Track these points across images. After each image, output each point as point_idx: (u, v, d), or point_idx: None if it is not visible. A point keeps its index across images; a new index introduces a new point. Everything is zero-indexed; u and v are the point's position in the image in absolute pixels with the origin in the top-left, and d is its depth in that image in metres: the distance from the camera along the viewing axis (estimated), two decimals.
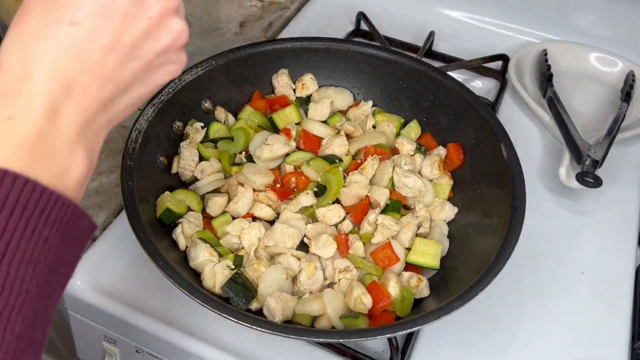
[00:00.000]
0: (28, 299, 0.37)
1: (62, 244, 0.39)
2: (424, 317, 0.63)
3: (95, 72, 0.41)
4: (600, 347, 0.75)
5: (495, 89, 1.08)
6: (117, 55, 0.42)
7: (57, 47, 0.39)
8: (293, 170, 0.83)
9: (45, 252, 0.38)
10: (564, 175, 0.89)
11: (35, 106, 0.38)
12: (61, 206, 0.39)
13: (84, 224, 0.41)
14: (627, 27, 1.11)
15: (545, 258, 0.84)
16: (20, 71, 0.39)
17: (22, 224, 0.37)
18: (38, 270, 0.38)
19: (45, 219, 0.38)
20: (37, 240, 0.37)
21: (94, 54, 0.41)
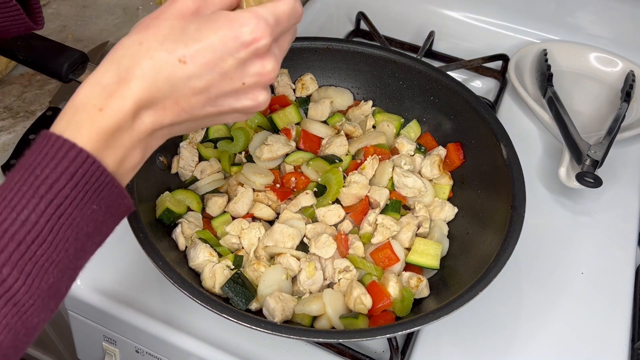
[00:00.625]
0: (65, 257, 0.45)
1: (103, 216, 0.47)
2: (423, 317, 0.63)
3: (179, 103, 0.48)
4: (600, 347, 0.75)
5: (495, 89, 1.08)
6: (201, 98, 0.49)
7: (160, 72, 0.46)
8: (293, 170, 0.83)
9: (88, 221, 0.46)
10: (564, 175, 0.89)
11: (123, 107, 0.46)
12: (112, 187, 0.46)
13: (125, 204, 0.49)
14: (627, 27, 1.11)
15: (545, 258, 0.84)
16: (125, 74, 0.46)
17: (81, 195, 0.44)
18: (80, 235, 0.45)
19: (97, 194, 0.45)
20: (86, 210, 0.45)
21: (184, 90, 0.48)
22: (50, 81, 1.03)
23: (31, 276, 0.43)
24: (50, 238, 0.43)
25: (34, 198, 0.43)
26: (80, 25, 1.15)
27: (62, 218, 0.44)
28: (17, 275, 0.42)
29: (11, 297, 0.42)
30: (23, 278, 0.42)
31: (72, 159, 0.44)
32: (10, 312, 0.42)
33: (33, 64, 0.78)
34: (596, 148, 0.88)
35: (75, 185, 0.44)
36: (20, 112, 0.98)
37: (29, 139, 0.91)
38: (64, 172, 0.43)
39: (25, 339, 0.44)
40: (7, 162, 0.89)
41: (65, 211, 0.44)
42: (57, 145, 0.44)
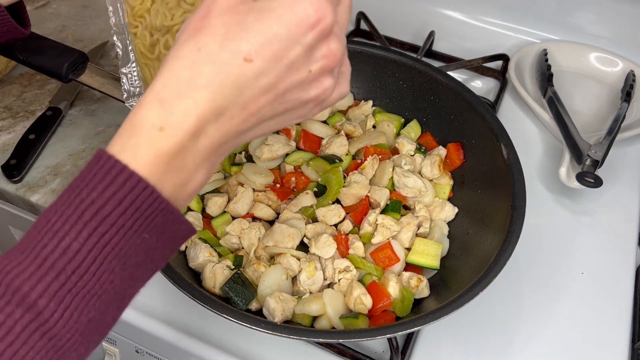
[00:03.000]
0: (110, 289, 0.41)
1: (156, 244, 0.43)
2: (424, 318, 0.63)
3: (247, 107, 0.43)
4: (601, 347, 0.75)
5: (495, 89, 1.08)
6: (270, 96, 0.44)
7: (226, 77, 0.42)
8: (293, 170, 0.83)
9: (138, 250, 0.42)
10: (564, 175, 0.89)
11: (186, 124, 0.41)
12: (167, 213, 0.42)
13: (182, 229, 0.44)
14: (627, 27, 1.11)
15: (546, 258, 0.84)
16: (186, 86, 0.41)
17: (130, 222, 0.40)
18: (127, 265, 0.41)
19: (149, 222, 0.41)
20: (135, 240, 0.41)
21: (252, 91, 0.43)
22: (50, 81, 1.03)
23: (70, 309, 0.39)
24: (93, 269, 0.40)
25: (77, 224, 0.39)
26: (80, 25, 1.15)
27: (107, 247, 0.40)
28: (55, 308, 0.39)
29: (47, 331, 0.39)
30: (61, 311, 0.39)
31: (122, 184, 0.39)
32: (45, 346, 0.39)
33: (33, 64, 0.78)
34: (596, 148, 0.87)
35: (124, 212, 0.40)
36: (20, 112, 0.98)
37: (29, 138, 0.91)
38: (111, 198, 0.39)
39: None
40: (7, 162, 0.89)
41: (110, 240, 0.40)
42: (107, 166, 0.40)
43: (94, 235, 0.39)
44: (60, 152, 0.93)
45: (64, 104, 0.98)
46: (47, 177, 0.89)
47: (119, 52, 0.72)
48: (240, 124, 0.44)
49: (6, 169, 0.88)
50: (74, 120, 0.98)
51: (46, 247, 0.39)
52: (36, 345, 0.39)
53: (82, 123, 0.97)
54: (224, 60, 0.42)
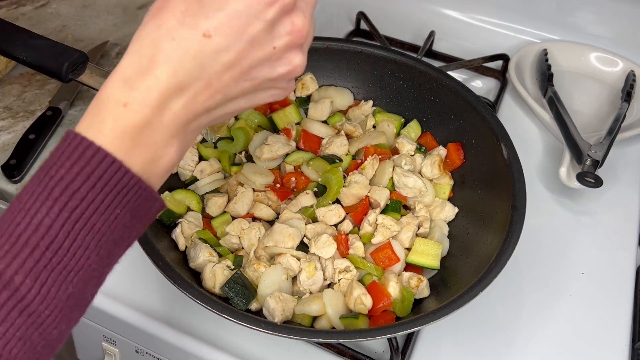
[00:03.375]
0: (86, 265, 0.42)
1: (130, 221, 0.43)
2: (424, 318, 0.63)
3: (210, 83, 0.44)
4: (601, 347, 0.75)
5: (495, 89, 1.08)
6: (234, 73, 0.45)
7: (185, 52, 0.42)
8: (293, 170, 0.83)
9: (112, 227, 0.42)
10: (564, 175, 0.88)
11: (149, 99, 0.42)
12: (138, 189, 0.42)
13: (155, 206, 0.45)
14: (627, 27, 1.11)
15: (546, 258, 0.84)
16: (147, 63, 0.42)
17: (100, 197, 0.41)
18: (102, 242, 0.42)
19: (121, 198, 0.42)
20: (108, 215, 0.41)
21: (214, 67, 0.43)
22: (50, 81, 1.03)
23: (47, 285, 0.40)
24: (67, 244, 0.40)
25: (48, 201, 0.40)
26: (80, 25, 1.15)
27: (78, 223, 0.40)
28: (31, 284, 0.39)
29: (25, 307, 0.39)
30: (38, 287, 0.39)
31: (89, 159, 0.40)
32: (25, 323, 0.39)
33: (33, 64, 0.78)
34: (597, 148, 0.87)
35: (92, 187, 0.40)
36: (20, 112, 0.98)
37: (29, 138, 0.91)
38: (80, 173, 0.40)
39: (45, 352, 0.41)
40: (7, 162, 0.89)
41: (82, 215, 0.40)
42: (74, 144, 0.41)
43: (64, 211, 0.40)
44: None
45: (64, 104, 0.98)
46: None
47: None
48: (205, 100, 0.44)
49: (6, 169, 0.88)
50: (74, 120, 0.98)
51: (19, 225, 0.40)
52: (15, 322, 0.39)
53: None
54: (182, 36, 0.42)
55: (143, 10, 1.19)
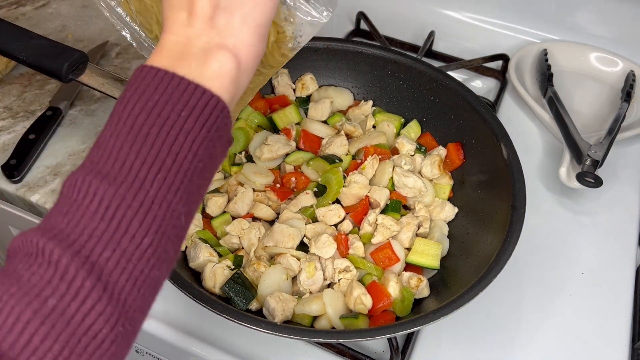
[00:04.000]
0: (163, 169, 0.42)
1: (202, 130, 0.44)
2: (424, 318, 0.63)
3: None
4: (601, 347, 0.75)
5: (495, 89, 1.08)
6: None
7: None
8: (293, 170, 0.83)
9: (183, 131, 0.43)
10: (564, 175, 0.88)
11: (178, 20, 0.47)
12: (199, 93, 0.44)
13: (225, 119, 0.46)
14: (627, 27, 1.11)
15: (546, 258, 0.84)
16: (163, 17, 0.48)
17: (160, 104, 0.43)
18: (175, 146, 0.43)
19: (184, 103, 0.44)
20: (175, 118, 0.43)
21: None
22: (50, 81, 1.03)
23: (124, 186, 0.40)
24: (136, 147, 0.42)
25: (114, 117, 0.44)
26: (80, 25, 1.15)
27: (145, 127, 0.42)
28: (111, 189, 0.40)
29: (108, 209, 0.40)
30: (115, 189, 0.40)
31: (146, 76, 0.44)
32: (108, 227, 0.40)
33: (33, 64, 0.78)
34: (596, 148, 0.87)
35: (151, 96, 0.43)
36: (20, 112, 0.98)
37: (29, 138, 0.91)
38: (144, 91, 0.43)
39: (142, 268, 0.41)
40: (7, 162, 0.89)
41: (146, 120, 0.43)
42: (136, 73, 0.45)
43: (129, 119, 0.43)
44: (60, 152, 0.93)
45: (64, 104, 0.98)
46: (47, 177, 0.89)
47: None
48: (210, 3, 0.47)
49: (6, 169, 0.88)
50: (74, 120, 0.98)
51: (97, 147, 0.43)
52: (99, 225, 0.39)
53: (82, 123, 0.97)
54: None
55: None
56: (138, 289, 0.41)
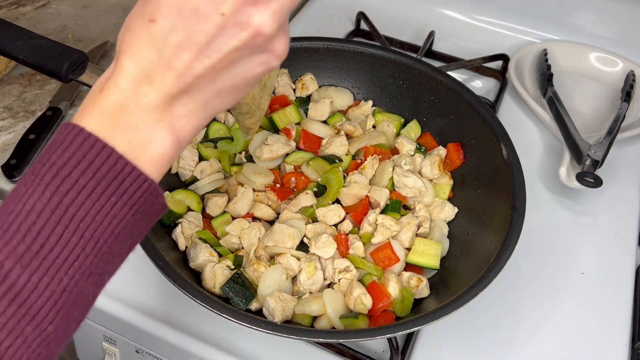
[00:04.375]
0: (82, 256, 0.40)
1: (129, 214, 0.42)
2: (424, 317, 0.63)
3: (172, 66, 0.43)
4: (601, 347, 0.75)
5: (495, 89, 1.08)
6: (191, 51, 0.43)
7: (140, 40, 0.43)
8: (293, 170, 0.83)
9: (109, 217, 0.41)
10: (564, 175, 0.88)
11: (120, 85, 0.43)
12: (134, 177, 0.41)
13: (156, 202, 0.44)
14: (627, 27, 1.11)
15: (546, 258, 0.84)
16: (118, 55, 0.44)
17: (92, 183, 0.40)
18: (99, 232, 0.41)
19: (116, 186, 0.41)
20: (103, 203, 0.40)
21: (169, 50, 0.43)
22: (50, 81, 1.03)
23: (38, 273, 0.38)
24: (59, 230, 0.39)
25: (40, 186, 0.39)
26: (80, 25, 1.15)
27: (71, 208, 0.39)
28: (21, 270, 0.38)
29: (16, 295, 0.38)
30: (28, 273, 0.38)
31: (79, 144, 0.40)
32: (15, 313, 0.38)
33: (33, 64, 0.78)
34: (596, 148, 0.87)
35: (84, 170, 0.40)
36: (20, 112, 0.98)
37: (29, 138, 0.91)
38: (71, 158, 0.40)
39: (42, 351, 0.39)
40: (7, 162, 0.89)
41: (74, 200, 0.39)
42: (65, 131, 0.41)
43: (56, 195, 0.39)
44: None
45: (64, 104, 0.98)
46: None
47: None
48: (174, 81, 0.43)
49: (6, 169, 0.88)
50: None
51: (12, 212, 0.39)
52: (6, 311, 0.38)
53: None
54: (136, 26, 0.44)
55: None
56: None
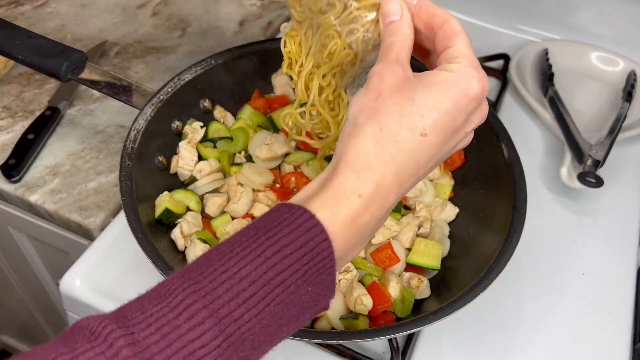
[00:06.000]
0: (263, 332, 0.41)
1: (307, 303, 0.44)
2: (424, 318, 0.63)
3: (417, 173, 0.48)
4: (602, 347, 0.75)
5: (496, 89, 1.08)
6: (434, 161, 0.49)
7: (407, 152, 0.46)
8: (293, 170, 0.83)
9: (297, 302, 0.42)
10: (565, 175, 0.88)
11: (376, 195, 0.45)
12: (330, 273, 0.44)
13: (326, 300, 0.45)
14: (628, 26, 1.11)
15: (546, 258, 0.84)
16: (375, 161, 0.45)
17: (303, 269, 0.42)
18: (284, 314, 0.42)
19: (317, 276, 0.43)
20: (301, 288, 0.42)
21: (425, 160, 0.47)
22: (49, 80, 1.03)
23: (229, 341, 0.39)
24: (261, 305, 0.40)
25: (260, 257, 0.41)
26: (79, 24, 1.15)
27: (278, 288, 0.41)
28: (218, 333, 0.39)
29: (204, 356, 0.38)
30: (221, 339, 0.39)
31: (308, 229, 0.42)
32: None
33: (32, 64, 0.77)
34: (597, 148, 0.87)
35: (302, 256, 0.42)
36: (19, 111, 0.98)
37: (27, 138, 0.91)
38: (295, 241, 0.42)
39: None
40: (6, 161, 0.88)
41: (284, 281, 0.41)
42: (297, 213, 0.43)
43: (270, 271, 0.41)
44: (59, 151, 0.92)
45: (62, 103, 0.97)
46: (46, 177, 0.89)
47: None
48: (409, 188, 0.49)
49: (5, 168, 0.88)
50: (73, 120, 0.97)
51: (227, 272, 0.41)
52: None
53: (81, 123, 0.97)
54: (404, 138, 0.46)
55: (142, 9, 1.18)
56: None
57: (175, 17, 1.18)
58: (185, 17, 1.18)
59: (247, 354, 0.41)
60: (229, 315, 0.39)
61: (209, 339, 0.39)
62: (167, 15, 1.18)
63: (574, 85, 1.07)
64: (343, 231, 0.44)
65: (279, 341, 0.44)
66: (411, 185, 0.49)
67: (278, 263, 0.41)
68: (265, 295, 0.40)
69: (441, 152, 0.49)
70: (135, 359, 0.37)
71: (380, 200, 0.45)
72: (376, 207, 0.45)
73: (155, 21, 1.16)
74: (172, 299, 0.40)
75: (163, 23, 1.16)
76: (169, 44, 1.11)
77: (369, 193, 0.45)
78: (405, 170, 0.46)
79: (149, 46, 1.11)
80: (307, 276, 0.42)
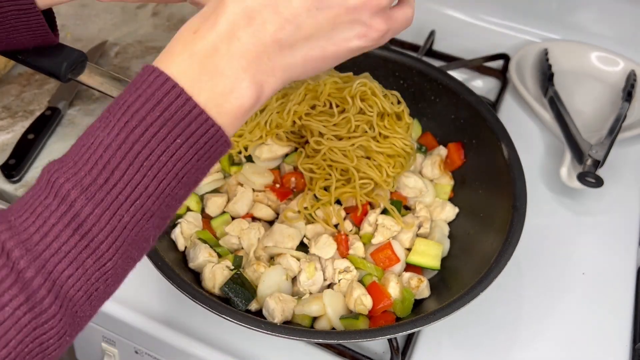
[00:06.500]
0: (144, 196, 0.40)
1: (193, 158, 0.42)
2: (424, 318, 0.63)
3: (279, 10, 0.42)
4: (601, 347, 0.75)
5: (496, 89, 1.08)
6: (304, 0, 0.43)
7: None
8: (293, 171, 0.83)
9: (173, 159, 0.41)
10: (565, 175, 0.88)
11: (217, 27, 0.42)
12: (202, 122, 0.41)
13: (221, 144, 0.43)
14: (629, 26, 1.11)
15: (546, 258, 0.84)
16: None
17: (159, 122, 0.40)
18: (162, 173, 0.41)
19: (182, 128, 0.41)
20: (168, 144, 0.40)
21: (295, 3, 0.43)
22: (49, 80, 1.03)
23: (101, 206, 0.39)
24: (123, 166, 0.39)
25: (111, 122, 0.40)
26: (78, 24, 1.15)
27: (136, 145, 0.40)
28: (85, 202, 0.39)
29: (79, 225, 0.39)
30: (92, 205, 0.39)
31: (150, 83, 0.41)
32: (78, 243, 0.39)
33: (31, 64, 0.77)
34: (597, 148, 0.87)
35: (152, 109, 0.40)
36: (18, 111, 0.98)
37: (27, 138, 0.91)
38: (141, 95, 0.40)
39: (100, 286, 0.40)
40: (6, 162, 0.88)
41: (140, 138, 0.40)
42: (144, 73, 0.41)
43: (123, 131, 0.40)
44: (59, 152, 0.92)
45: (63, 103, 0.97)
46: None
47: None
48: (276, 31, 0.43)
49: (5, 168, 0.88)
50: (73, 119, 0.97)
51: (84, 146, 0.41)
52: (69, 240, 0.39)
53: (81, 123, 0.97)
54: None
55: (142, 9, 1.18)
56: (91, 302, 0.41)
57: (176, 17, 1.18)
58: (186, 17, 1.18)
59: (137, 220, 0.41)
60: (92, 184, 0.39)
61: (78, 208, 0.39)
62: (167, 15, 1.18)
63: (574, 85, 1.07)
64: (193, 69, 0.41)
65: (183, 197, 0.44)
66: (277, 25, 0.43)
67: (129, 121, 0.40)
68: (125, 154, 0.40)
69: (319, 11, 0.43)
70: (13, 241, 0.38)
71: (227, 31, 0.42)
72: (225, 40, 0.42)
73: (155, 21, 1.16)
74: (45, 183, 0.41)
75: (163, 23, 1.16)
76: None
77: (207, 26, 0.42)
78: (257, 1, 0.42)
79: (149, 46, 1.10)
80: (168, 128, 0.40)
